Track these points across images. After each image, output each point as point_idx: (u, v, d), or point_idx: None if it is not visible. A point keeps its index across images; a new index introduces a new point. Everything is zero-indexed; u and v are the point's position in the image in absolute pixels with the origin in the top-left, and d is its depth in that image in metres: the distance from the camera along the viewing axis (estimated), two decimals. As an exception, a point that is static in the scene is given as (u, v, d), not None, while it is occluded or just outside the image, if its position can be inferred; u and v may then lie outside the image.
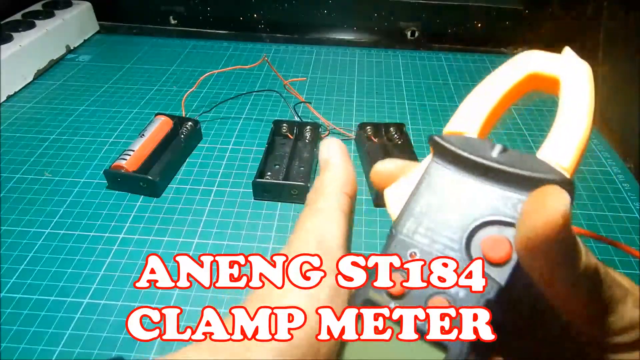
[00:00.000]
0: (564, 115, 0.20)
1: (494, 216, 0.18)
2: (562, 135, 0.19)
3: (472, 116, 0.21)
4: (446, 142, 0.20)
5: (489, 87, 0.22)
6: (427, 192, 0.20)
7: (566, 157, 0.18)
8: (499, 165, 0.19)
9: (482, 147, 0.19)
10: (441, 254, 0.19)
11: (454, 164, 0.20)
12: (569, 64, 0.21)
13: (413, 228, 0.20)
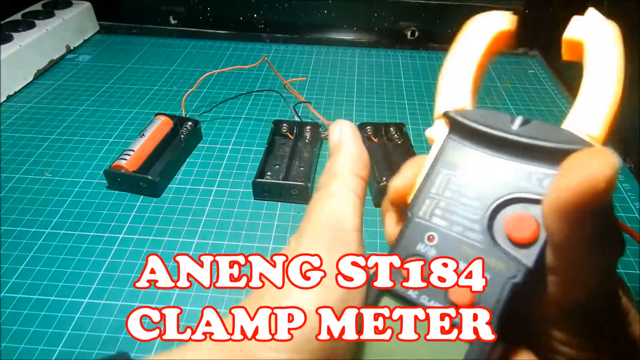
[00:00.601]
0: (590, 81, 0.18)
1: (517, 193, 0.17)
2: (589, 102, 0.18)
3: (462, 89, 0.20)
4: (463, 117, 0.19)
5: (465, 55, 0.21)
6: (443, 171, 0.19)
7: (595, 126, 0.17)
8: (520, 138, 0.17)
9: (501, 119, 0.18)
10: (461, 237, 0.17)
11: (471, 140, 0.18)
12: (595, 25, 0.19)
13: (430, 210, 0.18)
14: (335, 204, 0.18)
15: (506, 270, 0.16)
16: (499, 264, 0.16)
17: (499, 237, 0.17)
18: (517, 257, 0.16)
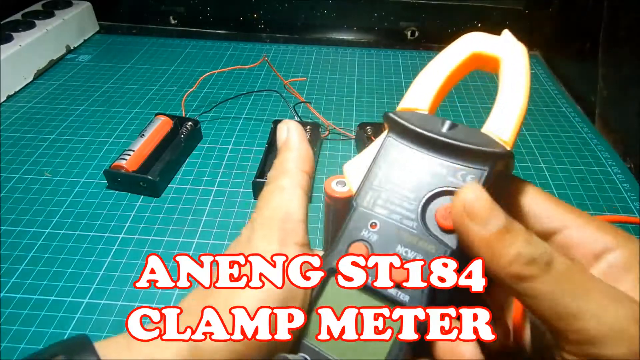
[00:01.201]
0: (504, 93, 0.22)
1: (445, 187, 0.20)
2: (503, 112, 0.21)
3: (423, 93, 0.23)
4: (400, 118, 0.22)
5: (437, 67, 0.24)
6: (384, 166, 0.22)
7: (507, 132, 0.20)
8: (448, 139, 0.20)
9: (433, 122, 0.21)
10: (399, 224, 0.20)
11: (407, 139, 0.21)
12: (508, 45, 0.23)
13: (372, 200, 0.21)
14: (285, 197, 0.21)
15: (436, 252, 0.19)
16: (430, 247, 0.20)
17: (430, 224, 0.20)
18: (445, 240, 0.19)
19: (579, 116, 0.56)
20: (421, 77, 0.24)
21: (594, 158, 0.48)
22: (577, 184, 0.45)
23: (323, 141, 0.50)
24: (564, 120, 0.55)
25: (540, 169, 0.46)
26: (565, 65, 0.64)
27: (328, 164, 0.47)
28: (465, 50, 0.24)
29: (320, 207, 0.41)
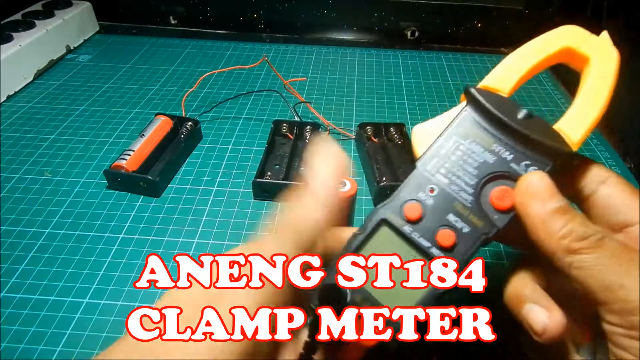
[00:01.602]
0: (585, 94, 0.22)
1: (507, 171, 0.21)
2: (580, 114, 0.22)
3: (508, 76, 0.23)
4: (481, 97, 0.22)
5: (528, 52, 0.24)
6: (455, 137, 0.23)
7: (578, 134, 0.21)
8: (521, 128, 0.21)
9: (511, 108, 0.22)
10: (456, 194, 0.22)
11: (483, 117, 0.22)
12: (603, 47, 0.23)
13: (436, 167, 0.22)
14: (305, 209, 0.21)
15: (483, 227, 0.21)
16: (478, 222, 0.21)
17: (484, 202, 0.21)
18: (493, 219, 0.21)
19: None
20: (510, 59, 0.24)
21: (594, 158, 0.48)
22: (577, 184, 0.45)
23: (323, 141, 0.50)
24: (564, 120, 0.55)
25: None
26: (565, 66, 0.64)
27: (328, 164, 0.47)
28: (560, 42, 0.24)
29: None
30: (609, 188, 0.21)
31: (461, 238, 0.21)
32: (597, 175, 0.22)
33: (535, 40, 0.24)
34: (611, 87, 0.22)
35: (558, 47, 0.23)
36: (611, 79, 0.23)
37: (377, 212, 0.22)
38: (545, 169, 0.21)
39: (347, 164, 0.22)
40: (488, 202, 0.21)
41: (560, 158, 0.21)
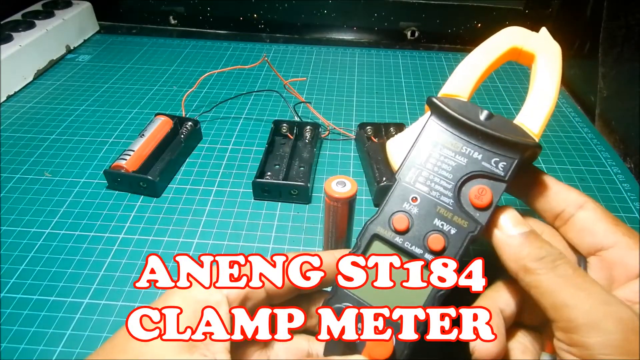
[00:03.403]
0: (536, 88, 0.24)
1: (479, 170, 0.23)
2: (535, 106, 0.24)
3: (464, 82, 0.25)
4: (444, 105, 0.24)
5: (479, 57, 0.26)
6: (426, 146, 0.24)
7: (537, 125, 0.23)
8: (486, 128, 0.23)
9: (473, 110, 0.24)
10: (437, 200, 0.23)
11: (449, 123, 0.24)
12: (544, 43, 0.25)
13: (414, 177, 0.24)
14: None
15: (468, 227, 0.22)
16: (463, 222, 0.22)
17: (464, 202, 0.23)
18: (476, 217, 0.22)
19: (579, 116, 0.56)
20: (463, 66, 0.26)
21: (594, 158, 0.48)
22: (577, 184, 0.45)
23: (323, 141, 0.50)
24: (564, 120, 0.55)
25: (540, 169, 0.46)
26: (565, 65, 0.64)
27: (328, 164, 0.47)
28: (506, 44, 0.26)
29: (320, 207, 0.41)
30: (586, 212, 0.23)
31: (450, 240, 0.22)
32: (574, 200, 0.23)
33: (483, 44, 0.26)
34: (558, 77, 0.24)
35: (505, 48, 0.25)
36: (557, 71, 0.25)
37: (367, 229, 0.23)
38: (513, 163, 0.23)
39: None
40: (468, 202, 0.23)
41: (526, 150, 0.23)
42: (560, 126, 0.54)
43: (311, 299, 0.25)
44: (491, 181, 0.23)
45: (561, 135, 0.52)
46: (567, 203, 0.23)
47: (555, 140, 0.51)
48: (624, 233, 0.22)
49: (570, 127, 0.54)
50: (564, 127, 0.54)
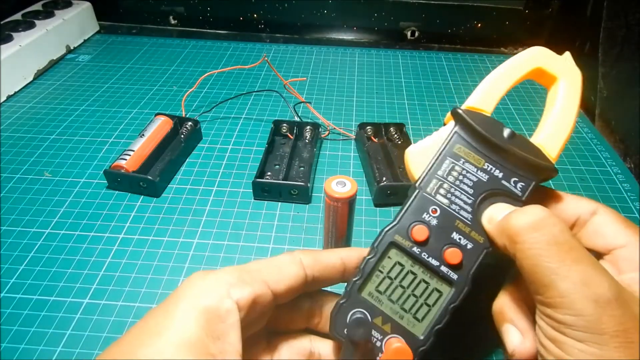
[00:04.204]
0: (557, 111, 0.25)
1: (499, 188, 0.23)
2: (554, 130, 0.24)
3: (489, 97, 0.26)
4: (469, 118, 0.24)
5: (505, 74, 0.26)
6: (449, 159, 0.24)
7: (555, 150, 0.24)
8: (508, 147, 0.23)
9: (497, 128, 0.24)
10: (457, 214, 0.23)
11: (472, 138, 0.24)
12: (567, 68, 0.26)
13: (435, 188, 0.24)
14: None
15: (484, 242, 0.23)
16: (480, 238, 0.23)
17: (482, 218, 0.23)
18: None
19: (579, 116, 0.56)
20: (489, 81, 0.26)
21: (594, 158, 0.48)
22: (577, 184, 0.45)
23: (323, 141, 0.50)
24: (564, 120, 0.55)
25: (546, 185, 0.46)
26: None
27: (328, 164, 0.47)
28: (532, 64, 0.26)
29: (320, 207, 0.41)
30: (599, 217, 0.23)
31: (466, 254, 0.23)
32: (586, 207, 0.24)
33: (508, 61, 0.26)
34: (578, 104, 0.25)
35: (530, 68, 0.26)
36: (578, 97, 0.25)
37: (385, 235, 0.24)
38: (531, 185, 0.23)
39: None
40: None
41: (543, 173, 0.23)
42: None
43: (314, 297, 0.25)
44: (509, 199, 0.23)
45: (561, 135, 0.52)
46: (580, 211, 0.23)
47: (555, 140, 0.51)
48: (635, 233, 0.22)
49: (570, 127, 0.54)
50: (564, 127, 0.54)
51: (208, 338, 0.19)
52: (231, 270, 0.22)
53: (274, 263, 0.23)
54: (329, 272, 0.24)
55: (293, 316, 0.25)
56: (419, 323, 0.23)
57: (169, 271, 0.35)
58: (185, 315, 0.19)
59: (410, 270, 0.23)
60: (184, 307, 0.20)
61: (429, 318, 0.22)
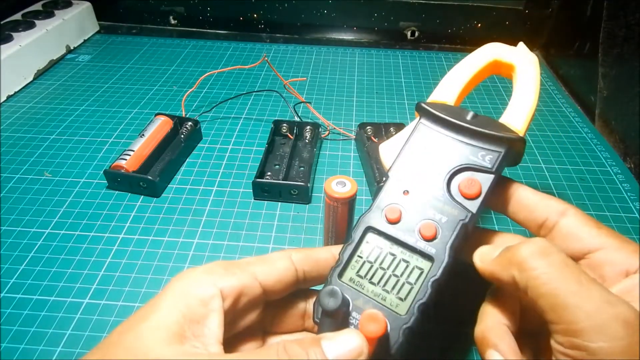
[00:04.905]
0: (517, 93, 0.26)
1: (467, 163, 0.24)
2: (516, 107, 0.26)
3: (450, 89, 0.28)
4: (432, 108, 0.26)
5: (463, 68, 0.29)
6: (416, 146, 0.25)
7: (519, 122, 0.25)
8: (472, 125, 0.25)
9: (459, 112, 0.26)
10: (428, 192, 0.24)
11: (437, 124, 0.26)
12: (522, 55, 0.27)
13: (406, 173, 0.25)
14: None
15: (459, 215, 0.23)
16: (453, 211, 0.23)
17: (455, 193, 0.24)
18: (466, 206, 0.23)
19: (579, 116, 0.56)
20: (449, 76, 0.28)
21: (594, 158, 0.48)
22: (577, 184, 0.45)
23: (323, 141, 0.50)
24: (564, 120, 0.55)
25: (540, 169, 0.46)
26: (565, 65, 0.64)
27: (328, 164, 0.47)
28: (487, 57, 0.28)
29: (320, 207, 0.41)
30: (568, 219, 0.23)
31: (442, 227, 0.23)
32: (555, 208, 0.23)
33: (466, 57, 0.28)
34: (538, 81, 0.26)
35: (486, 60, 0.28)
36: (536, 76, 0.26)
37: (361, 221, 0.24)
38: (499, 156, 0.24)
39: None
40: (458, 192, 0.24)
41: (511, 143, 0.24)
42: (560, 126, 0.54)
43: (309, 298, 0.25)
44: (479, 173, 0.24)
45: (561, 135, 0.52)
46: (548, 211, 0.23)
47: (555, 140, 0.51)
48: (608, 235, 0.22)
49: (570, 127, 0.54)
50: (564, 127, 0.54)
51: (185, 321, 0.19)
52: (219, 263, 0.22)
53: (263, 258, 0.23)
54: (321, 268, 0.24)
55: (289, 317, 0.25)
56: (402, 302, 0.22)
57: (169, 271, 0.35)
58: (167, 303, 0.20)
59: (389, 252, 0.23)
60: (168, 296, 0.20)
61: (412, 295, 0.22)
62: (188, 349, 0.19)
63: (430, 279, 0.22)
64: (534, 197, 0.24)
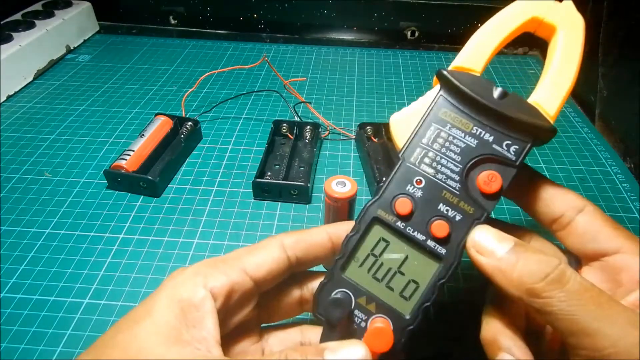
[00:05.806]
0: (556, 65, 0.22)
1: (490, 154, 0.21)
2: (554, 84, 0.22)
3: (478, 54, 0.23)
4: (455, 79, 0.22)
5: (495, 28, 0.23)
6: (434, 125, 0.22)
7: (553, 107, 0.22)
8: (499, 107, 0.21)
9: (485, 87, 0.22)
10: (443, 183, 0.22)
11: (459, 101, 0.22)
12: (568, 16, 0.23)
13: (420, 157, 0.22)
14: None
15: (474, 213, 0.21)
16: (469, 208, 0.21)
17: (472, 187, 0.21)
18: (483, 204, 0.21)
19: (579, 116, 0.56)
20: (478, 37, 0.23)
21: (594, 158, 0.48)
22: (577, 184, 0.45)
23: (323, 141, 0.50)
24: (564, 120, 0.55)
25: (540, 169, 0.46)
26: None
27: (328, 164, 0.47)
28: (526, 14, 0.23)
29: (320, 207, 0.41)
30: (586, 216, 0.21)
31: (454, 227, 0.21)
32: (573, 203, 0.22)
33: (499, 13, 0.23)
34: (580, 54, 0.22)
35: (525, 18, 0.23)
36: (579, 48, 0.22)
37: (367, 211, 0.22)
38: (526, 147, 0.21)
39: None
40: (475, 187, 0.21)
41: (540, 133, 0.21)
42: (560, 126, 0.54)
43: (301, 281, 0.25)
44: (501, 166, 0.21)
45: (561, 135, 0.52)
46: (566, 207, 0.22)
47: (555, 140, 0.51)
48: (627, 238, 0.21)
49: (570, 127, 0.54)
50: (564, 127, 0.54)
51: (182, 326, 0.19)
52: (208, 262, 0.22)
53: (252, 249, 0.23)
54: (315, 250, 0.23)
55: (285, 304, 0.24)
56: (406, 302, 0.21)
57: (169, 271, 0.35)
58: (161, 306, 0.20)
59: (396, 247, 0.22)
60: (161, 299, 0.20)
61: (417, 296, 0.21)
62: (191, 352, 0.19)
63: (438, 282, 0.21)
64: (552, 189, 0.22)
